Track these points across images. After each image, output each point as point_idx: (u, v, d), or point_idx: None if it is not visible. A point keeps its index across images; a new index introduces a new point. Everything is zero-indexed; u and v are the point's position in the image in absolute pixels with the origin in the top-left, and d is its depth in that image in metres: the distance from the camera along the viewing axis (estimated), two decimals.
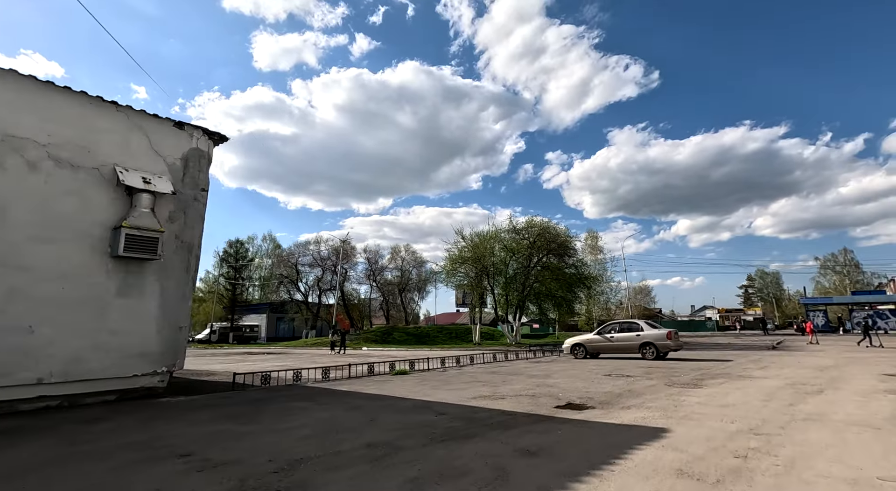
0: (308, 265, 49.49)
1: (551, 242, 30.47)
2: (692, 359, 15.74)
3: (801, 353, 18.54)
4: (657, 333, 15.53)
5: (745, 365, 13.25)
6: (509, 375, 11.57)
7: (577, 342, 17.29)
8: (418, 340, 41.35)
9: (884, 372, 10.75)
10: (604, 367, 13.24)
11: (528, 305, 32.10)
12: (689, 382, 9.31)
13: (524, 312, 33.09)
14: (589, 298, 31.65)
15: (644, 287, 71.33)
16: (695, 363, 14.03)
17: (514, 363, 15.53)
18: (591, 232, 45.12)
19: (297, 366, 15.22)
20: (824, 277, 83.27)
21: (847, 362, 13.72)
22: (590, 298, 31.89)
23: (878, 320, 33.91)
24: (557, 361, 16.11)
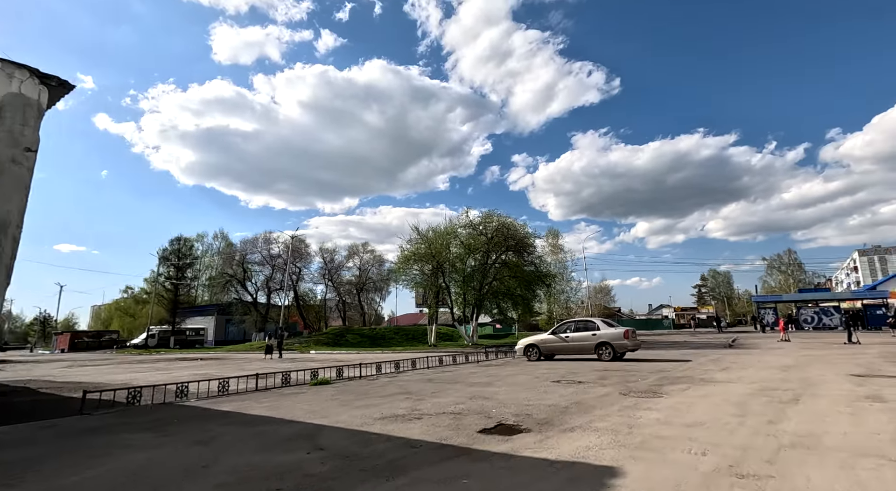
0: (258, 264, 46.28)
1: (510, 239, 29.27)
2: (650, 359, 14.70)
3: (758, 351, 18.02)
4: (614, 333, 14.38)
5: (705, 366, 12.23)
6: (447, 383, 9.95)
7: (530, 343, 15.95)
8: (373, 343, 39.27)
9: (850, 372, 9.88)
10: (556, 370, 11.87)
11: (487, 304, 30.78)
12: (648, 390, 7.98)
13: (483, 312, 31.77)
14: (548, 296, 30.69)
15: (604, 287, 72.11)
16: (653, 364, 12.92)
17: (461, 368, 13.96)
18: (552, 231, 44.56)
19: (216, 374, 13.06)
20: (771, 276, 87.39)
21: (808, 361, 13.00)
22: (549, 297, 30.94)
23: (823, 317, 34.95)
24: (509, 365, 14.67)
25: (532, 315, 32.67)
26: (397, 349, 29.61)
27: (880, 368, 10.53)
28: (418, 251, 25.99)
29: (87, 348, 53.33)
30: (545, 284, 29.45)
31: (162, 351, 42.63)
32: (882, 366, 11.13)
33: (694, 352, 17.99)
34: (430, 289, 28.56)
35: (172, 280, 51.98)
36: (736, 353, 17.06)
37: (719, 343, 23.70)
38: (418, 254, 26.08)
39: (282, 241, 47.15)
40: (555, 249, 42.79)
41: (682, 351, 18.87)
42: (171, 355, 32.78)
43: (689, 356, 15.75)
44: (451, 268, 28.96)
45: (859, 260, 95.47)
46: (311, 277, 54.77)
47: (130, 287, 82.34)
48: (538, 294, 30.16)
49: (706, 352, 17.88)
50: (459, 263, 29.61)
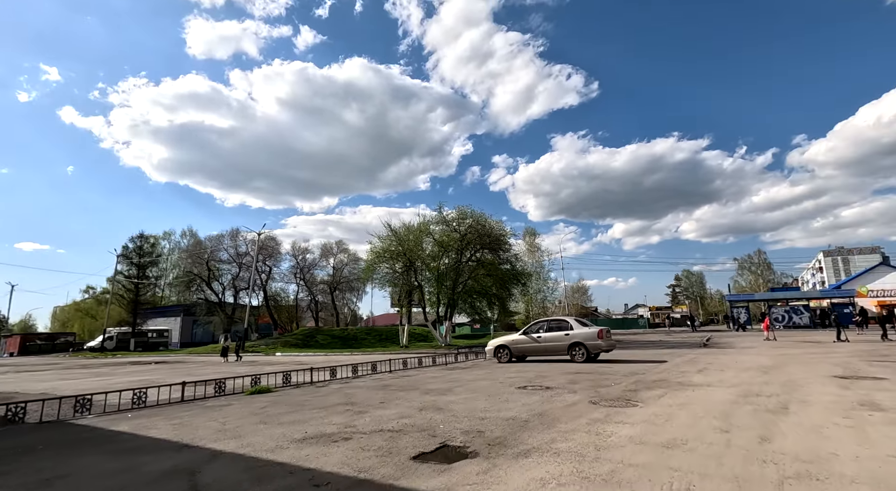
0: (224, 262, 44.12)
1: (485, 236, 28.39)
2: (625, 360, 13.99)
3: (733, 350, 17.61)
4: (587, 332, 13.60)
5: (682, 367, 11.54)
6: (402, 390, 8.89)
7: (500, 344, 15.05)
8: (344, 344, 37.88)
9: (832, 374, 9.29)
10: (524, 374, 10.96)
11: (461, 303, 29.83)
12: (621, 397, 7.12)
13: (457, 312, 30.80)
14: (523, 295, 29.95)
15: (581, 286, 72.30)
16: (628, 366, 12.18)
17: (424, 371, 12.92)
18: (529, 230, 44.00)
19: (157, 381, 11.70)
20: (741, 276, 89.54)
21: (784, 361, 12.50)
22: (524, 296, 30.22)
23: (793, 316, 35.41)
24: (476, 367, 13.72)
25: (508, 315, 31.90)
26: (367, 351, 28.39)
27: (859, 369, 10.00)
28: (388, 248, 24.81)
29: (40, 352, 50.10)
30: (520, 282, 28.68)
31: (119, 354, 40.21)
32: (859, 366, 10.64)
33: (669, 352, 17.45)
34: (402, 288, 27.44)
35: (133, 279, 49.24)
36: (711, 352, 16.58)
37: (694, 342, 23.39)
38: (389, 251, 24.89)
39: (250, 238, 45.12)
40: (532, 248, 42.24)
41: (657, 351, 18.33)
42: (125, 359, 30.64)
43: (665, 356, 15.14)
44: (423, 266, 27.90)
45: (824, 260, 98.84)
46: (282, 277, 52.91)
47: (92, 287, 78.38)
48: (514, 293, 29.37)
49: (681, 352, 17.36)
50: (433, 261, 28.59)
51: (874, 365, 10.73)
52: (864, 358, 12.84)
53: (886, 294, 50.45)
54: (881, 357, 13.03)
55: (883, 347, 16.41)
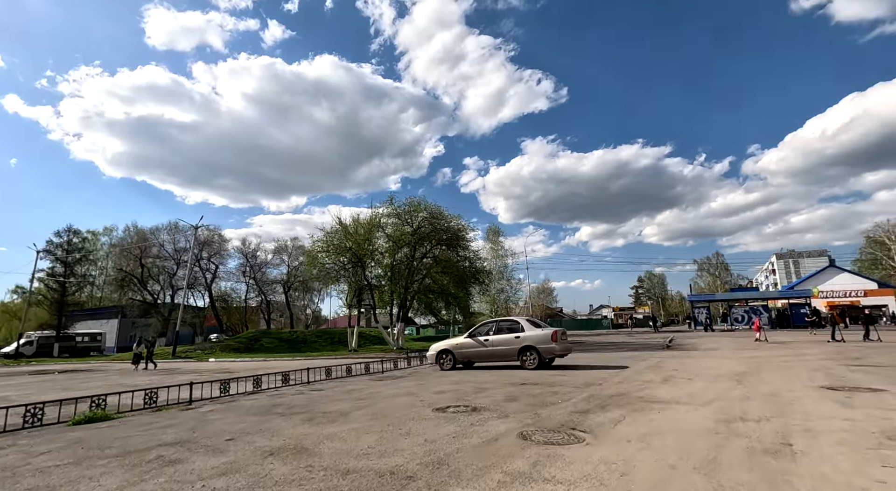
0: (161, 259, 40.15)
1: (441, 231, 26.43)
2: (581, 366, 12.29)
3: (698, 353, 16.34)
4: (540, 335, 11.80)
5: (644, 375, 9.88)
6: (283, 415, 6.70)
7: (443, 349, 13.05)
8: (291, 348, 34.91)
9: (820, 384, 7.79)
10: (460, 386, 9.00)
11: (417, 303, 27.73)
12: (565, 423, 5.23)
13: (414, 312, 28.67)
14: (482, 294, 28.18)
15: (547, 287, 71.63)
16: (584, 374, 10.43)
17: (345, 383, 10.74)
18: (492, 228, 42.37)
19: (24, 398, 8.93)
20: (701, 278, 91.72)
21: (756, 365, 11.10)
22: (483, 295, 28.44)
23: (752, 316, 35.33)
24: (411, 377, 11.67)
25: (469, 315, 30.07)
26: (313, 355, 25.79)
27: (843, 376, 8.60)
28: (332, 242, 22.35)
29: None
30: (479, 281, 26.86)
31: (35, 361, 35.77)
32: (841, 371, 9.28)
33: (631, 355, 15.97)
34: (351, 287, 25.10)
35: (58, 277, 44.30)
36: (675, 355, 15.20)
37: (657, 343, 22.23)
38: (333, 245, 22.44)
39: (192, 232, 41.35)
40: (495, 247, 40.68)
41: (618, 354, 16.85)
42: (29, 368, 26.67)
43: (626, 360, 13.57)
44: (374, 263, 25.65)
45: (776, 263, 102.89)
46: (232, 276, 49.21)
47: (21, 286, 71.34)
48: (472, 293, 27.52)
49: (644, 354, 15.93)
50: (386, 257, 26.38)
51: (856, 371, 9.39)
52: (839, 361, 11.63)
53: (835, 295, 52.07)
54: (854, 360, 11.88)
55: (852, 349, 15.50)
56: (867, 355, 12.93)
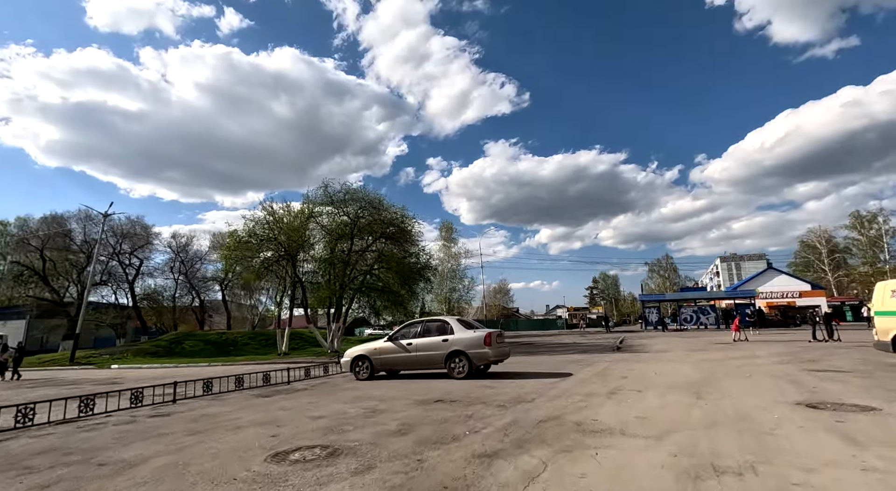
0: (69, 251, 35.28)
1: (385, 224, 24.21)
2: (520, 374, 10.56)
3: (649, 355, 15.13)
4: (471, 338, 9.93)
5: (588, 386, 8.21)
6: (47, 466, 4.40)
7: (359, 354, 10.92)
8: (219, 350, 31.48)
9: (794, 399, 6.34)
10: (350, 408, 6.93)
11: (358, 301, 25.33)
12: (448, 487, 3.30)
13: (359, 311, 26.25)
14: (428, 292, 26.25)
15: (503, 287, 70.82)
16: (518, 385, 8.66)
17: (222, 399, 8.39)
18: (446, 224, 40.52)
19: None
20: (651, 279, 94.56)
21: (712, 371, 9.76)
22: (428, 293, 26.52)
23: (700, 316, 35.59)
24: (316, 389, 9.49)
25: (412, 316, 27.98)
26: (236, 360, 22.83)
27: (816, 387, 7.27)
28: (256, 232, 19.57)
29: None
30: (425, 278, 24.86)
31: None
32: (811, 381, 8.01)
33: (578, 359, 14.49)
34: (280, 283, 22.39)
35: None
36: (625, 358, 13.85)
37: (607, 345, 21.10)
38: (256, 236, 19.67)
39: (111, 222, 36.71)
40: (448, 244, 38.90)
41: (565, 357, 15.36)
42: None
43: (572, 365, 12.00)
44: (309, 258, 23.07)
45: (720, 266, 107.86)
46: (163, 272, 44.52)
47: None
48: (416, 291, 25.48)
49: (592, 358, 14.50)
50: (323, 250, 23.86)
51: (823, 379, 8.15)
52: (796, 364, 10.54)
53: (774, 295, 54.29)
54: (810, 363, 10.86)
55: (799, 350, 14.76)
56: (821, 358, 12.03)
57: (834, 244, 64.22)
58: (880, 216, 59.22)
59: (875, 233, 58.87)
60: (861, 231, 59.95)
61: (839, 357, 12.30)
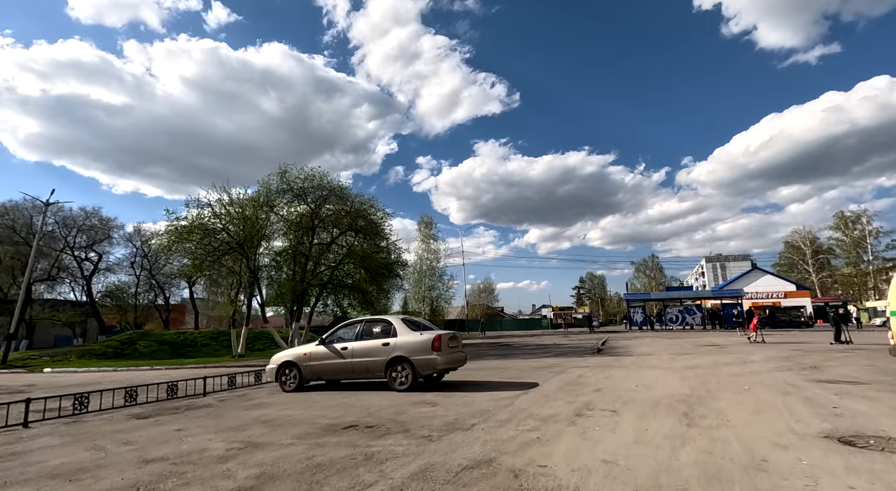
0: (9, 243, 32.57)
1: (356, 217, 22.36)
2: (473, 384, 8.89)
3: (631, 358, 13.60)
4: (416, 341, 8.20)
5: (550, 404, 6.55)
6: None
7: (287, 361, 9.12)
8: (175, 352, 29.28)
9: (818, 429, 4.75)
10: (226, 439, 5.16)
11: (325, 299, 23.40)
12: None
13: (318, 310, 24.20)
14: (398, 288, 24.50)
15: (488, 286, 69.30)
16: (462, 401, 6.97)
17: (81, 422, 6.55)
18: (424, 218, 38.67)
19: None
20: (637, 279, 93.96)
21: (705, 381, 8.20)
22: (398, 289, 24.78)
23: (686, 316, 34.42)
24: (228, 403, 7.68)
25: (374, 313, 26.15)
26: (186, 363, 20.74)
27: (837, 406, 5.73)
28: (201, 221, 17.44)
29: None
30: (394, 273, 23.06)
31: None
32: (825, 396, 6.48)
33: (553, 363, 12.86)
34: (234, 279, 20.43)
35: None
36: (605, 363, 12.27)
37: (588, 347, 19.56)
38: (202, 226, 17.56)
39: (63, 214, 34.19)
40: (426, 240, 37.13)
41: (539, 361, 13.73)
42: None
43: (542, 372, 10.35)
44: (266, 250, 21.12)
45: (705, 266, 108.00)
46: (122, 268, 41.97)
47: None
48: (386, 288, 23.65)
49: (569, 362, 12.91)
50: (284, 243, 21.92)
51: (838, 393, 6.61)
52: (797, 372, 9.05)
53: (759, 296, 53.67)
54: (813, 370, 9.40)
55: (795, 354, 13.36)
56: (822, 364, 10.59)
57: (818, 245, 64.09)
58: (864, 217, 59.14)
59: (859, 234, 58.75)
60: (845, 231, 59.77)
61: (842, 362, 10.88)
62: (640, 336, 28.55)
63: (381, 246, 23.89)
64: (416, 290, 36.79)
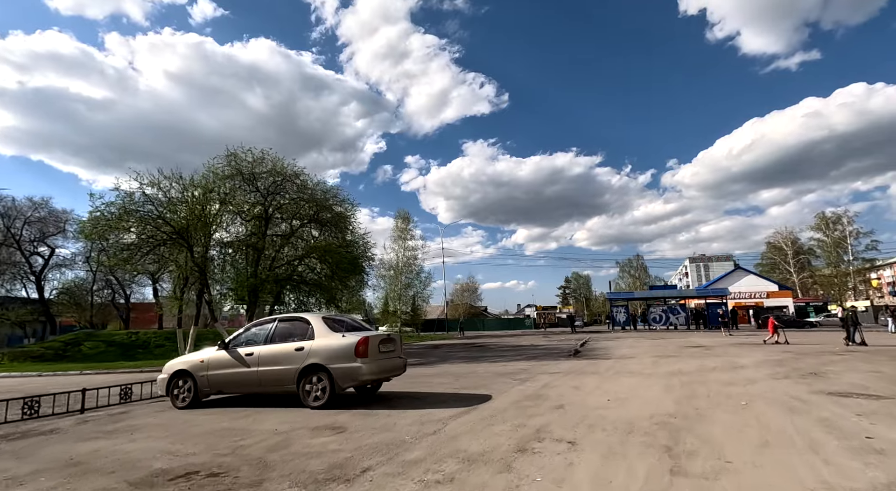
0: None
1: (319, 207, 20.55)
2: (410, 397, 7.26)
3: (609, 362, 12.13)
4: (337, 345, 6.52)
5: (490, 432, 4.94)
6: None
7: (180, 369, 7.36)
8: (124, 353, 26.99)
9: (870, 478, 3.19)
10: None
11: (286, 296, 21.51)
12: None
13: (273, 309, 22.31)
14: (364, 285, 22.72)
15: (471, 285, 67.81)
16: (379, 426, 5.33)
17: None
18: (401, 212, 36.90)
19: None
20: (622, 279, 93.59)
21: (690, 394, 6.71)
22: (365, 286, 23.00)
23: (670, 316, 33.36)
24: (96, 423, 5.93)
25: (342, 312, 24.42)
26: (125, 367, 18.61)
27: (871, 435, 4.26)
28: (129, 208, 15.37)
29: None
30: (358, 269, 21.29)
31: None
32: (844, 416, 5.03)
33: (522, 368, 11.29)
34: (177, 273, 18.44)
35: None
36: (579, 368, 10.75)
37: (566, 348, 18.09)
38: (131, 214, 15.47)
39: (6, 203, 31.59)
40: (404, 235, 35.40)
41: (507, 365, 12.16)
42: None
43: (502, 382, 8.76)
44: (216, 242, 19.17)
45: (689, 266, 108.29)
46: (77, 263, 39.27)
47: None
48: (351, 285, 21.85)
49: (539, 366, 11.36)
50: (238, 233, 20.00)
51: (866, 414, 5.16)
52: (797, 380, 7.64)
53: (742, 296, 53.23)
54: (814, 377, 8.01)
55: (788, 357, 12.04)
56: (823, 370, 9.23)
57: (799, 246, 64.19)
58: (844, 217, 59.26)
59: (839, 234, 58.82)
60: (826, 232, 59.83)
61: (842, 367, 9.55)
62: (623, 336, 27.29)
63: (348, 240, 22.10)
64: (392, 288, 35.04)
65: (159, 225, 16.20)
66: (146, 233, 16.21)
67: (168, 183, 16.55)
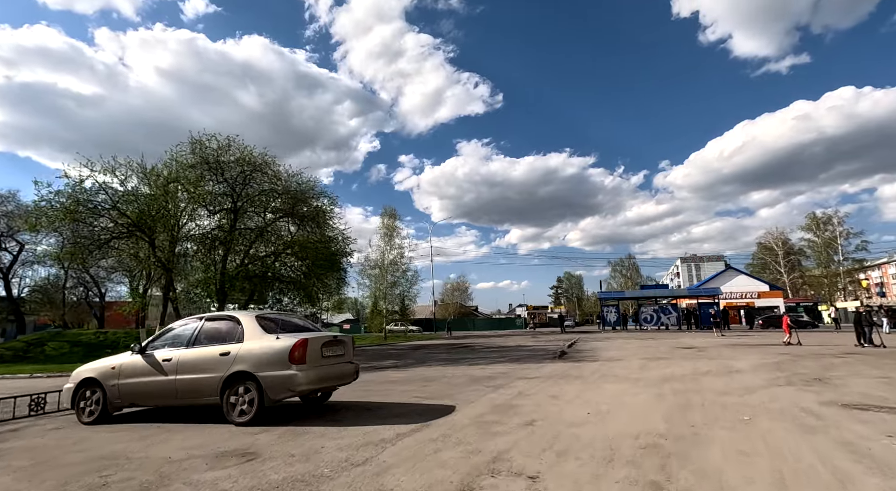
0: None
1: (294, 200, 19.46)
2: (361, 408, 6.26)
3: (595, 365, 11.21)
4: (269, 350, 5.48)
5: (436, 461, 3.95)
6: None
7: (88, 378, 6.30)
8: (90, 354, 25.49)
9: None
10: None
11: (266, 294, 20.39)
12: None
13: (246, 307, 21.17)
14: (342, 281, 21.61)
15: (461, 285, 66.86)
16: (299, 454, 4.32)
17: None
18: (388, 209, 35.84)
19: None
20: (614, 279, 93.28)
21: (684, 404, 5.78)
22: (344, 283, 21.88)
23: (661, 316, 32.64)
24: None
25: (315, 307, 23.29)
26: None
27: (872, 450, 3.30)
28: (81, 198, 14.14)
29: None
30: (336, 266, 20.22)
31: None
32: (874, 438, 4.11)
33: (500, 372, 10.32)
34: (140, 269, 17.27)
35: None
36: (561, 373, 9.80)
37: (553, 349, 17.18)
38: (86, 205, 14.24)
39: None
40: (390, 233, 34.35)
41: (485, 368, 11.18)
42: None
43: (473, 388, 7.78)
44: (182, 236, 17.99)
45: (681, 266, 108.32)
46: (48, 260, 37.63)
47: None
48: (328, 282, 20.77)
49: (519, 370, 10.40)
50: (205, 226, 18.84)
51: (877, 436, 4.25)
52: (811, 392, 6.74)
53: (734, 296, 52.84)
54: (818, 382, 7.14)
55: (785, 360, 11.20)
56: (826, 375, 8.38)
57: (790, 246, 64.09)
58: (835, 218, 59.17)
59: (830, 235, 58.70)
60: (817, 232, 59.72)
61: (846, 371, 8.71)
62: (613, 337, 26.49)
63: (327, 236, 21.02)
64: (377, 286, 33.97)
65: (114, 217, 14.99)
66: (99, 225, 14.98)
67: (125, 170, 15.34)
